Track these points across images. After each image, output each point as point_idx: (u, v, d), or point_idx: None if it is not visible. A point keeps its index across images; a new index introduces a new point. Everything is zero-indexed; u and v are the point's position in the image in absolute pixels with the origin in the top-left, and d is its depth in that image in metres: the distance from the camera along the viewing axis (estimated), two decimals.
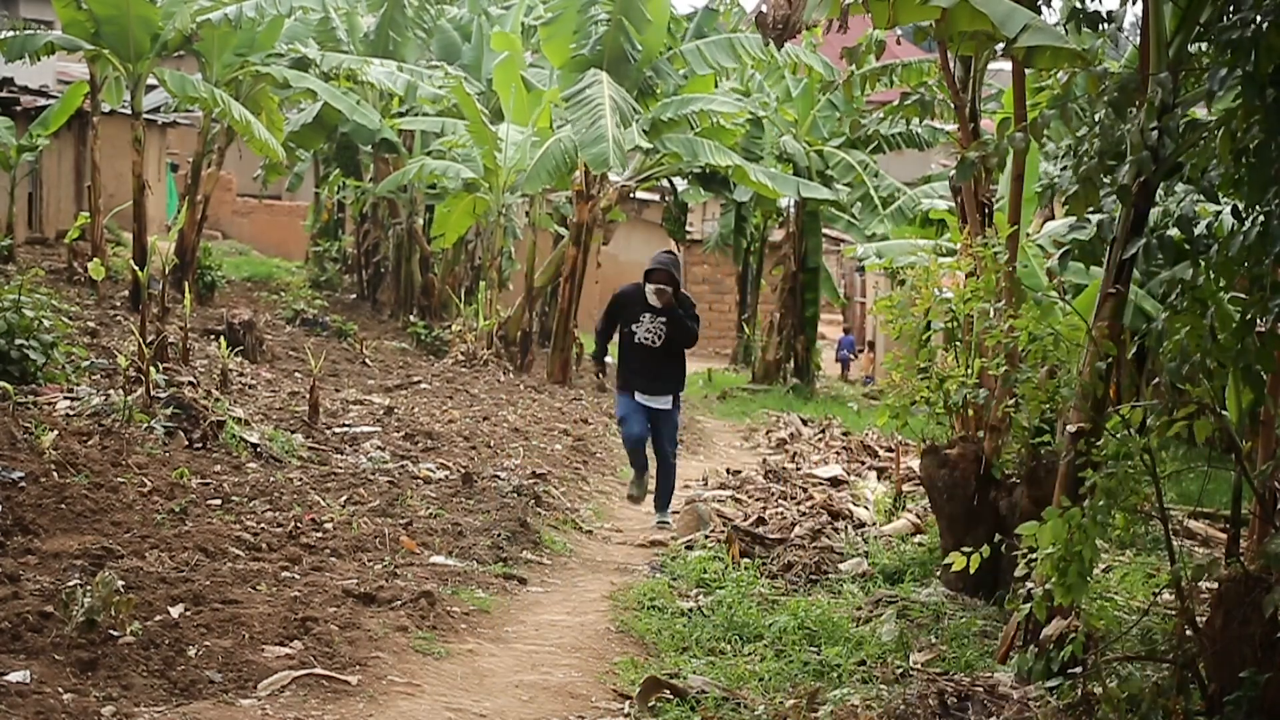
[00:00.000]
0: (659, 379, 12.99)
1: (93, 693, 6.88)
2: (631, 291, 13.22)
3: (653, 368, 12.95)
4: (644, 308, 12.94)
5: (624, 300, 13.19)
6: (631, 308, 13.03)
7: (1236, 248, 6.37)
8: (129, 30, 21.02)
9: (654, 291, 12.86)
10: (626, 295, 13.24)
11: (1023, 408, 9.27)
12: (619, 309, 13.20)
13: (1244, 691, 6.40)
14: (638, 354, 12.96)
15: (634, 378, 13.00)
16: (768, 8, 10.72)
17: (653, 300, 12.87)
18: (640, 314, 12.94)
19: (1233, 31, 6.21)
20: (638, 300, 13.02)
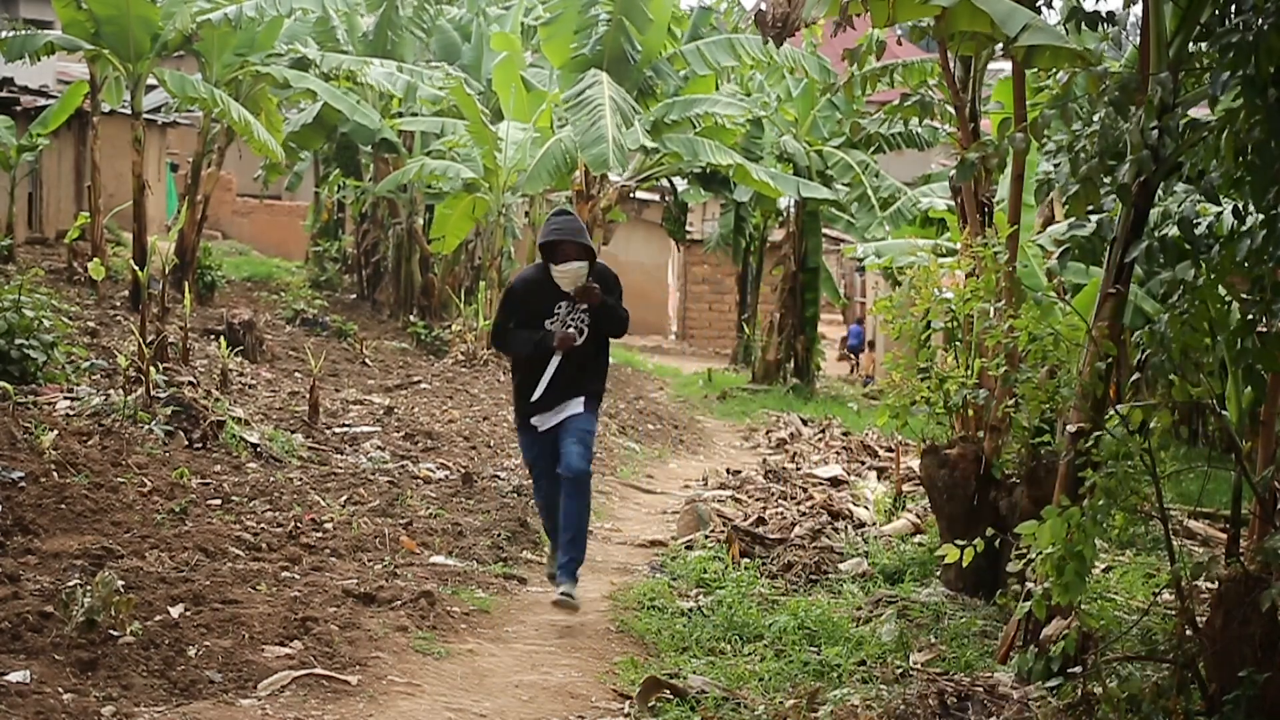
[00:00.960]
0: (574, 384, 9.64)
1: (93, 693, 6.89)
2: (535, 278, 9.79)
3: (569, 374, 9.59)
4: (557, 295, 9.60)
5: (527, 292, 9.74)
6: (540, 300, 9.63)
7: (1244, 251, 6.37)
8: (129, 30, 21.02)
9: (568, 275, 9.55)
10: (529, 285, 9.79)
11: (1023, 408, 9.27)
12: (522, 306, 9.72)
13: (1243, 691, 6.40)
14: (536, 365, 9.58)
15: (526, 398, 9.68)
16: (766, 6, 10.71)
17: (565, 286, 9.56)
18: (553, 306, 9.60)
19: (1233, 34, 6.21)
20: (546, 288, 9.62)
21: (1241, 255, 6.40)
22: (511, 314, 9.75)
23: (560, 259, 9.54)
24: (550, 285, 9.60)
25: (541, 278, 9.68)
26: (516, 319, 9.69)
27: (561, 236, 9.51)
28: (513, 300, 9.83)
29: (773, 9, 10.55)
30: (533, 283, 9.75)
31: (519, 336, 9.65)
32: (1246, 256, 6.37)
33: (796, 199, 26.65)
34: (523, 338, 9.61)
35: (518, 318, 9.68)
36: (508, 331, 9.75)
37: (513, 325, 9.70)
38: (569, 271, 9.51)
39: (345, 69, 24.74)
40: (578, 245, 9.54)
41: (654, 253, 40.39)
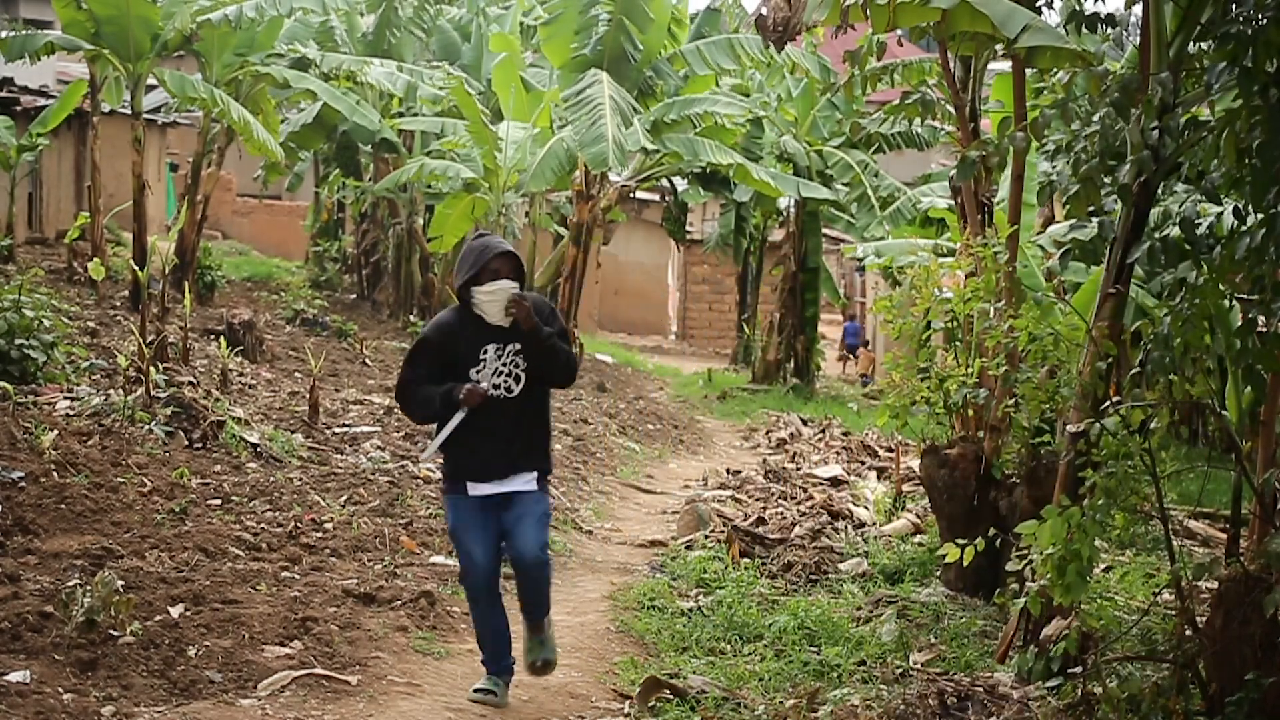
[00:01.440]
0: (514, 448, 7.70)
1: (93, 693, 6.89)
2: (454, 322, 7.80)
3: (505, 433, 7.66)
4: (485, 335, 7.65)
5: (445, 339, 7.75)
6: (461, 347, 7.68)
7: (1243, 250, 6.37)
8: (129, 30, 21.01)
9: (496, 297, 7.60)
10: (447, 331, 7.79)
11: (1023, 408, 9.28)
12: (438, 356, 7.74)
13: (1246, 694, 6.40)
14: (481, 416, 7.58)
15: (471, 458, 7.69)
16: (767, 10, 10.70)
17: (497, 318, 7.61)
18: (480, 349, 7.64)
19: (1231, 26, 6.21)
20: (468, 330, 7.68)
21: (1241, 254, 6.40)
22: (421, 366, 7.73)
23: (488, 278, 7.55)
24: (474, 326, 7.63)
25: (462, 320, 7.70)
26: (429, 372, 7.69)
27: (492, 252, 7.58)
28: (426, 350, 7.77)
29: (773, 13, 10.54)
30: (451, 327, 7.74)
31: (421, 394, 7.68)
32: (1246, 256, 6.37)
33: (796, 199, 26.65)
34: (424, 395, 7.66)
35: (432, 371, 7.68)
36: (410, 387, 7.74)
37: (422, 379, 7.72)
38: (496, 292, 7.54)
39: (345, 69, 24.74)
40: (509, 259, 7.62)
41: (654, 253, 40.39)
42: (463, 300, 7.68)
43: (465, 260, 7.66)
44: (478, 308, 7.61)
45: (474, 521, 7.66)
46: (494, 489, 7.66)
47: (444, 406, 7.60)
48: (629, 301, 40.18)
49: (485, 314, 7.60)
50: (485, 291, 7.57)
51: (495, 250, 7.59)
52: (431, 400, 7.66)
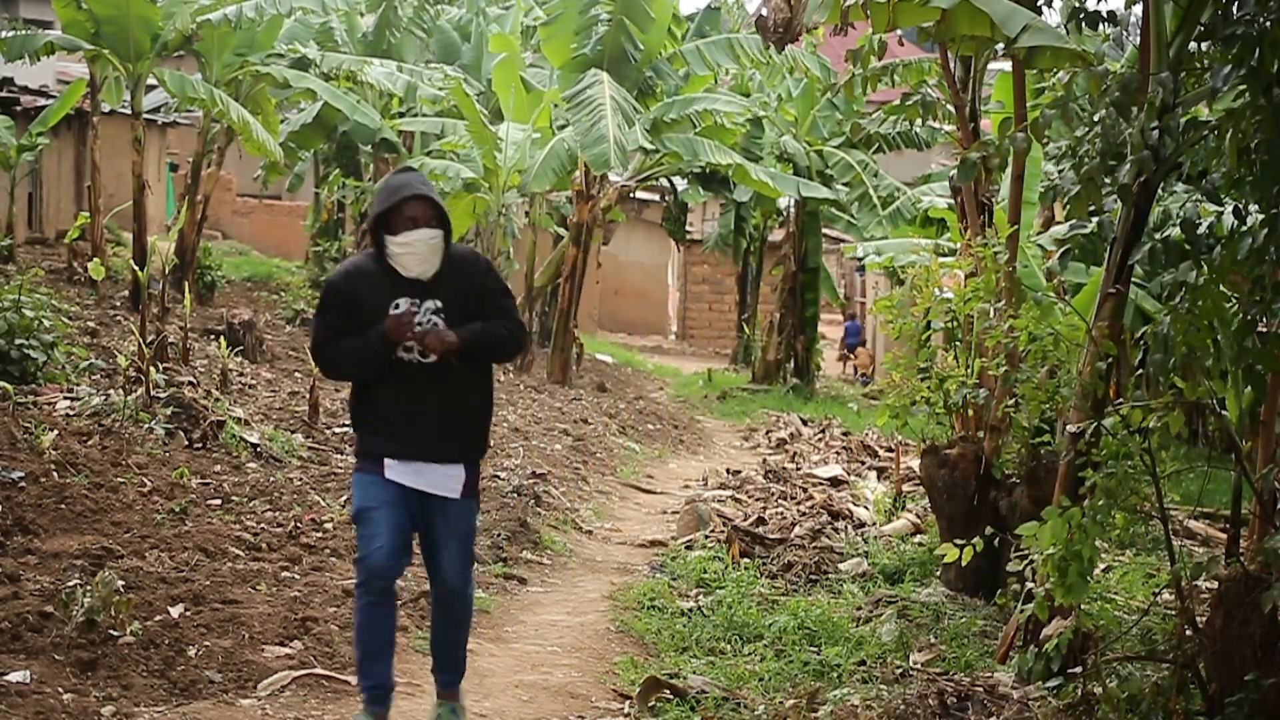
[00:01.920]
0: (440, 425, 6.68)
1: (93, 693, 6.89)
2: (364, 268, 6.76)
3: (429, 405, 6.65)
4: (398, 288, 6.63)
5: (354, 287, 6.71)
6: (371, 298, 6.63)
7: (1245, 250, 6.37)
8: (129, 30, 21.02)
9: (416, 249, 6.60)
10: (356, 278, 6.74)
11: (1023, 408, 9.27)
12: (347, 304, 6.68)
13: (1247, 694, 6.40)
14: (394, 386, 6.64)
15: (386, 435, 6.68)
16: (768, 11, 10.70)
17: (411, 268, 6.62)
18: (391, 303, 6.60)
19: (1236, 27, 6.21)
20: (379, 280, 6.65)
21: (1243, 254, 6.40)
22: (335, 320, 6.65)
23: (403, 226, 6.52)
24: (386, 275, 6.61)
25: (373, 267, 6.65)
26: (342, 321, 6.63)
27: (407, 193, 6.53)
28: (334, 299, 6.69)
29: (774, 14, 10.53)
30: (360, 274, 6.70)
31: (347, 349, 6.62)
32: (1248, 256, 6.37)
33: (796, 199, 26.66)
34: (352, 349, 6.60)
35: (343, 326, 6.62)
36: (330, 345, 6.67)
37: (338, 331, 6.66)
38: (416, 245, 6.54)
39: (345, 69, 24.75)
40: (429, 205, 6.55)
41: (654, 253, 40.40)
42: (375, 246, 6.66)
43: (378, 198, 6.64)
44: (392, 258, 6.57)
45: (387, 505, 6.58)
46: (415, 478, 6.61)
47: (375, 353, 6.54)
48: (629, 301, 40.19)
49: (400, 265, 6.58)
50: (399, 243, 6.54)
51: (410, 193, 6.52)
52: (360, 352, 6.57)
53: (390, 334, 6.53)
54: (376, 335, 6.55)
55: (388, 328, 6.52)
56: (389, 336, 6.54)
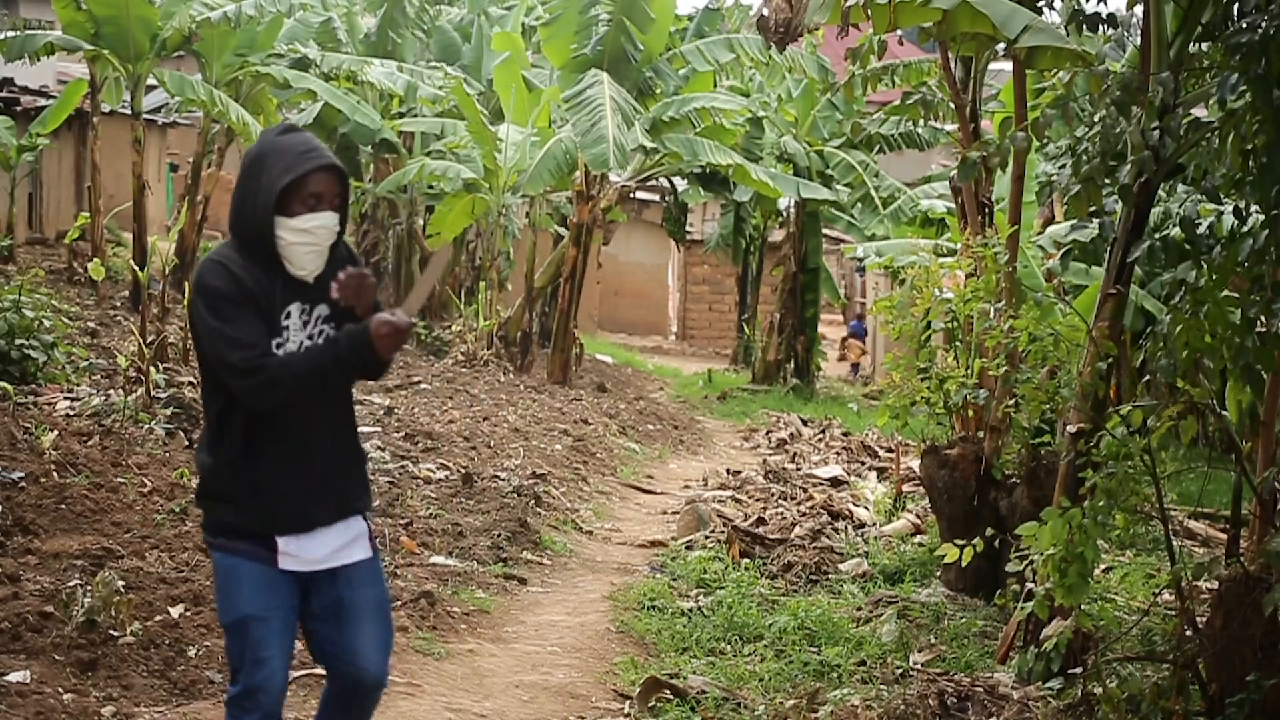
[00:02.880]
0: (336, 477, 5.16)
1: (93, 693, 6.89)
2: (238, 262, 4.99)
3: (322, 450, 5.10)
4: (287, 291, 5.03)
5: (241, 285, 4.93)
6: (260, 299, 4.96)
7: (1247, 252, 6.37)
8: (128, 30, 21.02)
9: (316, 247, 5.03)
10: (240, 274, 4.95)
11: (1023, 408, 9.27)
12: (251, 304, 4.93)
13: (1247, 695, 6.40)
14: (287, 425, 5.01)
15: (273, 499, 5.03)
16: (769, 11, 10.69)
17: (303, 264, 5.03)
18: (283, 310, 5.02)
19: (1241, 35, 6.21)
20: (261, 276, 4.98)
21: (1244, 256, 6.40)
22: (248, 324, 4.87)
23: (303, 207, 4.91)
24: (266, 273, 4.93)
25: (247, 262, 4.94)
26: (261, 334, 4.90)
27: (313, 162, 4.91)
28: (233, 297, 4.87)
29: (775, 14, 10.52)
30: (243, 273, 4.91)
31: (298, 369, 4.86)
32: (1249, 257, 6.37)
33: (796, 199, 26.66)
34: (307, 369, 4.87)
35: (260, 332, 4.90)
36: (266, 361, 4.84)
37: (261, 340, 4.89)
38: (318, 232, 4.96)
39: (345, 69, 24.75)
40: (337, 179, 5.00)
41: (654, 253, 40.38)
42: (251, 232, 4.93)
43: (270, 164, 4.90)
44: (283, 248, 4.90)
45: (279, 611, 5.01)
46: (319, 553, 5.01)
47: (338, 372, 4.88)
48: (629, 302, 40.18)
49: (290, 261, 4.92)
50: (296, 229, 4.90)
51: (316, 163, 4.91)
52: (311, 371, 4.85)
53: (381, 348, 4.80)
54: (350, 348, 4.80)
55: (378, 336, 4.75)
56: (379, 352, 4.80)
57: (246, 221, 4.98)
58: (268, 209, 4.90)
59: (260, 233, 4.94)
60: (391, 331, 4.79)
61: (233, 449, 4.99)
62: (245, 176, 4.96)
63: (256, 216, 4.93)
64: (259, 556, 5.00)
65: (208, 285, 4.89)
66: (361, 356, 4.81)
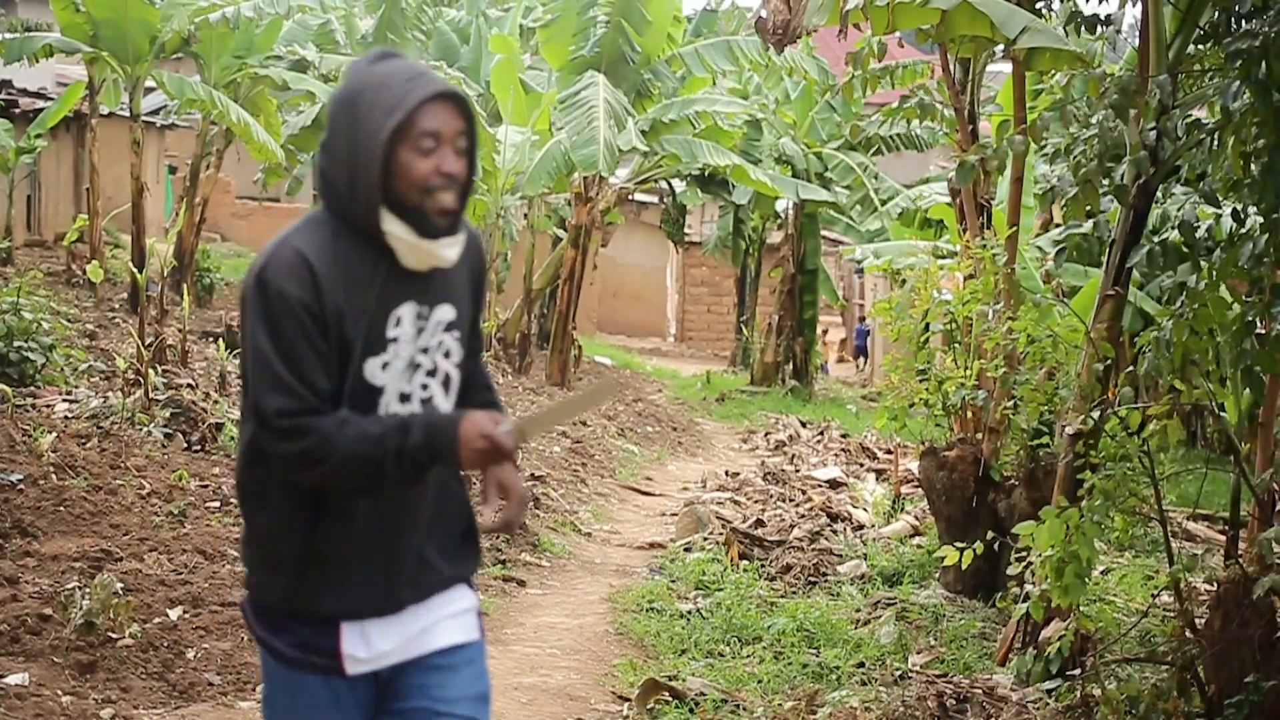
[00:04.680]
0: (434, 536, 3.68)
1: (91, 695, 6.88)
2: (328, 250, 3.46)
3: (413, 508, 3.60)
4: (397, 286, 3.51)
5: (317, 288, 3.41)
6: (351, 302, 3.45)
7: (1246, 254, 6.38)
8: (127, 32, 21.00)
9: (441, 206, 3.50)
10: (321, 270, 3.42)
11: (1021, 409, 9.27)
12: (315, 326, 3.41)
13: (1246, 696, 6.41)
14: None
15: (334, 561, 3.53)
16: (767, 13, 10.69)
17: (425, 261, 3.53)
18: (390, 313, 3.50)
19: (1241, 41, 6.21)
20: (360, 268, 3.47)
21: (1243, 259, 6.41)
22: (305, 361, 3.43)
23: (415, 152, 3.47)
24: (369, 261, 3.52)
25: (342, 249, 3.51)
26: (317, 374, 3.46)
27: (423, 90, 3.47)
28: (294, 316, 3.42)
29: (773, 16, 10.51)
30: (324, 266, 3.47)
31: (354, 451, 3.40)
32: (1248, 260, 6.38)
33: (795, 201, 26.67)
34: (364, 453, 3.41)
35: (318, 371, 3.46)
36: (316, 431, 3.42)
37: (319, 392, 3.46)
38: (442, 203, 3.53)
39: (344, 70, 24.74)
40: (457, 111, 3.58)
41: (652, 255, 40.39)
42: (349, 207, 3.51)
43: (364, 105, 3.48)
44: (392, 242, 3.51)
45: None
46: (396, 639, 3.61)
47: (403, 472, 3.45)
48: (627, 304, 40.18)
49: (403, 256, 3.52)
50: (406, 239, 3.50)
51: (427, 90, 3.48)
52: (361, 449, 3.41)
53: (466, 459, 3.48)
54: (424, 442, 3.44)
55: (468, 445, 3.47)
56: (462, 462, 3.51)
57: (341, 192, 3.51)
58: (372, 172, 3.44)
59: (366, 207, 3.48)
60: (489, 448, 3.47)
61: (287, 497, 3.55)
62: (336, 129, 3.52)
63: (357, 184, 3.47)
64: (313, 665, 3.57)
65: (274, 289, 3.42)
66: (436, 459, 3.45)
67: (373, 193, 3.45)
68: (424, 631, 3.65)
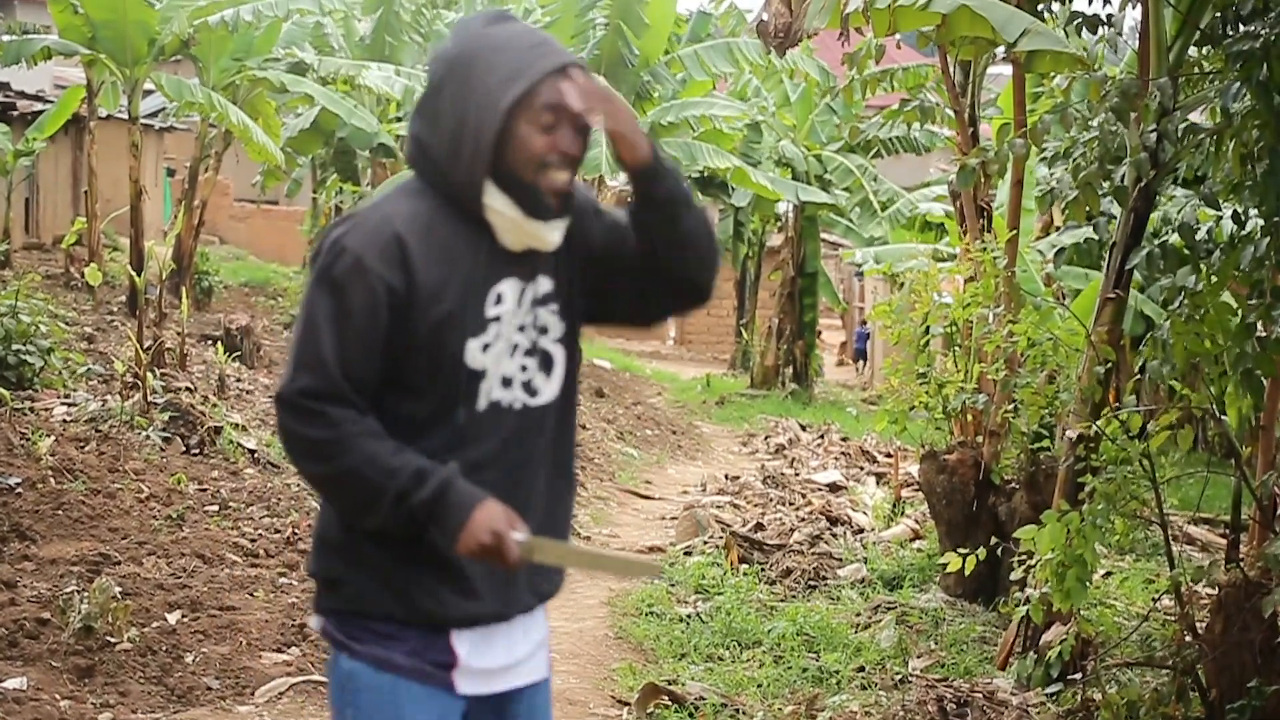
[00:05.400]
0: (547, 532, 3.32)
1: (90, 699, 6.87)
2: (430, 223, 3.18)
3: (535, 489, 3.42)
4: (496, 262, 3.22)
5: (409, 265, 3.12)
6: (451, 279, 3.16)
7: (1247, 257, 6.37)
8: (126, 35, 20.97)
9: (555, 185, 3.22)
10: (418, 243, 3.14)
11: (1022, 413, 9.26)
12: (388, 310, 3.12)
13: (1248, 701, 6.39)
14: (478, 462, 3.23)
15: (452, 576, 3.21)
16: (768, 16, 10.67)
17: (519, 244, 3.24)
18: (488, 291, 3.20)
19: (1243, 43, 6.20)
20: (464, 244, 3.19)
21: (1244, 262, 6.40)
22: (354, 347, 3.14)
23: (534, 128, 3.18)
24: (473, 237, 3.22)
25: (447, 224, 3.21)
26: (365, 365, 3.16)
27: (550, 61, 3.19)
28: (367, 292, 3.12)
29: (775, 19, 10.49)
30: (425, 237, 3.17)
31: (363, 465, 3.10)
32: (1248, 263, 6.37)
33: (795, 204, 26.66)
34: (372, 469, 3.10)
35: (367, 361, 3.16)
36: (338, 426, 3.11)
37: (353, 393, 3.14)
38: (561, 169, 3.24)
39: (342, 73, 24.75)
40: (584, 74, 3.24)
41: None
42: (451, 180, 3.22)
43: (479, 69, 3.19)
44: (492, 217, 3.22)
45: None
46: (501, 659, 3.33)
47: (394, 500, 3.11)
48: None
49: (502, 234, 3.24)
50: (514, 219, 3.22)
51: (554, 62, 3.21)
52: (371, 468, 3.11)
53: (464, 545, 3.12)
54: (430, 501, 3.11)
55: (471, 536, 3.12)
56: (457, 545, 3.13)
57: (440, 161, 3.22)
58: (482, 142, 3.16)
59: (469, 179, 3.19)
60: (493, 546, 3.11)
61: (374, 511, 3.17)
62: (441, 91, 3.23)
63: (462, 153, 3.18)
64: (426, 674, 3.23)
65: (352, 256, 3.13)
66: (435, 525, 3.12)
67: (480, 164, 3.16)
68: (527, 658, 3.39)
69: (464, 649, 3.23)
